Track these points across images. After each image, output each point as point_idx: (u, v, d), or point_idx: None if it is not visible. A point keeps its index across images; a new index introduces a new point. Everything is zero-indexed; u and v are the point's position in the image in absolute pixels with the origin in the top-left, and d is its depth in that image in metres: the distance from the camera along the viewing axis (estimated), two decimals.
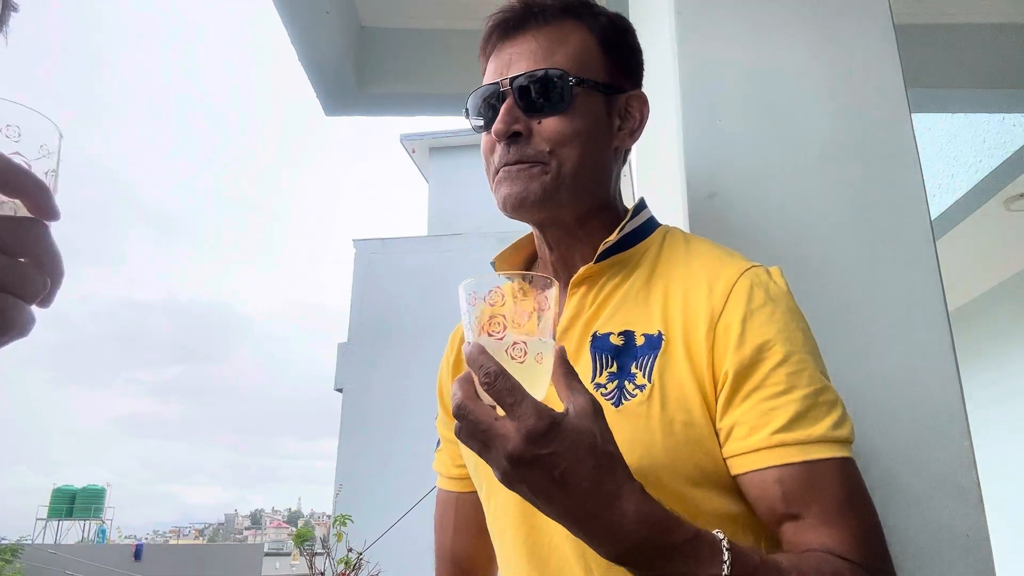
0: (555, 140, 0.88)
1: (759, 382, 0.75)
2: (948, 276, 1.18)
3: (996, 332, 4.33)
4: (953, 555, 1.04)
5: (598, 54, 0.93)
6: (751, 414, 0.74)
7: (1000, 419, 4.14)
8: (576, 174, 0.89)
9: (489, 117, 0.91)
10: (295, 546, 8.74)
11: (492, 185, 0.92)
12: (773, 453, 0.72)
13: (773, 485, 0.71)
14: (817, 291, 1.15)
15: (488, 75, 0.93)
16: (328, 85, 2.40)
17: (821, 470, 0.71)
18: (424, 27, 2.40)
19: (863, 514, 0.72)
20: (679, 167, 1.22)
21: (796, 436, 0.72)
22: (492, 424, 0.61)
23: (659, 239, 0.93)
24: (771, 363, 0.75)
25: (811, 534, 0.70)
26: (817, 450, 0.72)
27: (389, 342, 8.75)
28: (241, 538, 61.34)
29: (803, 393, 0.74)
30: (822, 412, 0.73)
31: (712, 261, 0.86)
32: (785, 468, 0.71)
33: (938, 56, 2.18)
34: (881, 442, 1.08)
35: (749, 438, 0.73)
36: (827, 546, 0.69)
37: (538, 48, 0.90)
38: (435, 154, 12.26)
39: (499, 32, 0.93)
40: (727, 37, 1.30)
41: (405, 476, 7.03)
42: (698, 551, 0.62)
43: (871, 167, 1.23)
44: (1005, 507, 3.60)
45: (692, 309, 0.81)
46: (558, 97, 0.88)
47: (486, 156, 0.93)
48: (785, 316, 0.79)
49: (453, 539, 1.05)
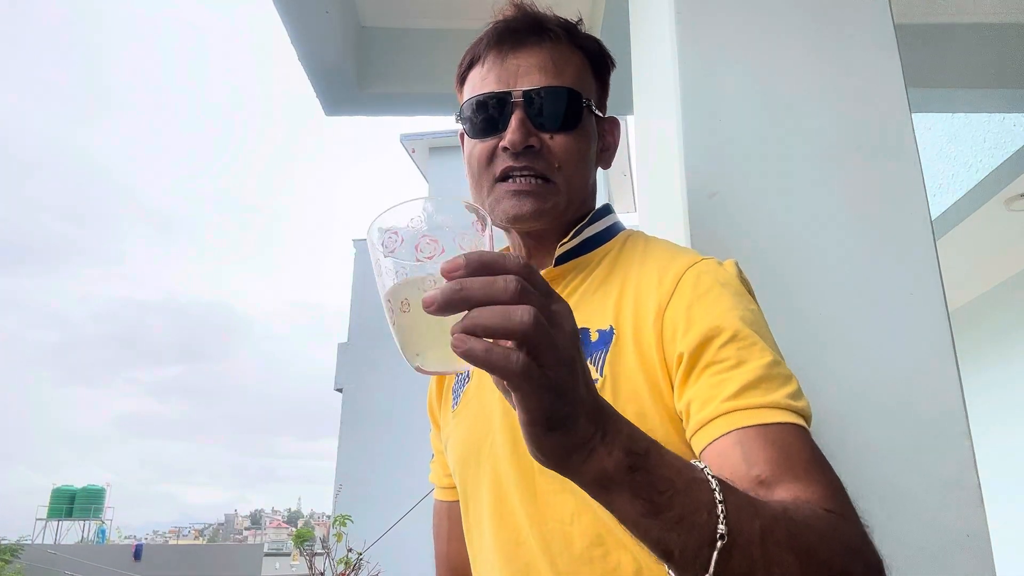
0: (564, 158, 0.90)
1: (710, 359, 0.73)
2: (948, 276, 1.18)
3: (996, 332, 4.33)
4: (953, 555, 1.04)
5: (591, 78, 0.96)
6: (702, 388, 0.72)
7: (1000, 419, 4.14)
8: (577, 192, 0.93)
9: (488, 125, 0.91)
10: (295, 546, 8.74)
11: (487, 192, 0.92)
12: (726, 419, 0.68)
13: (733, 448, 0.67)
14: (817, 291, 1.15)
15: (487, 81, 0.92)
16: (328, 85, 2.40)
17: (780, 433, 0.67)
18: (424, 27, 2.40)
19: (830, 473, 0.67)
20: (679, 167, 1.22)
21: (748, 402, 0.68)
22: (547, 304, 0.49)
23: (620, 243, 0.95)
24: (721, 340, 0.73)
25: (781, 492, 0.64)
26: (773, 414, 0.67)
27: (389, 342, 8.73)
28: (241, 538, 61.38)
29: (755, 365, 0.71)
30: (776, 384, 0.70)
31: (664, 257, 0.87)
32: (742, 431, 0.67)
33: (938, 56, 2.18)
34: (881, 442, 1.08)
35: (702, 411, 0.70)
36: (800, 499, 0.63)
37: (549, 63, 0.91)
38: (435, 154, 12.26)
39: (506, 39, 0.92)
40: (727, 37, 1.30)
41: (405, 476, 7.04)
42: (690, 466, 0.56)
43: (871, 167, 1.23)
44: (1005, 507, 3.60)
45: (641, 302, 0.82)
46: (572, 116, 0.90)
47: (482, 163, 0.92)
48: (733, 299, 0.78)
49: (448, 546, 1.08)
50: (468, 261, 0.47)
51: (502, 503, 0.86)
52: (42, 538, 21.56)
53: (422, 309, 0.47)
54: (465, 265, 0.47)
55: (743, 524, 0.53)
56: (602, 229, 0.95)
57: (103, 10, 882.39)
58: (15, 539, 18.22)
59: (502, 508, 0.86)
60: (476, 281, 0.46)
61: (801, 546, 0.56)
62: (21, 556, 14.95)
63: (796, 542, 0.56)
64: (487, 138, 0.91)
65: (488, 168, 0.91)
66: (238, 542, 45.75)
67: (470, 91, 0.95)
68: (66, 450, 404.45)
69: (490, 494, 0.87)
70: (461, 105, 0.96)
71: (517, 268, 0.48)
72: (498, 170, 0.90)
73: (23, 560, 14.85)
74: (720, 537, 0.52)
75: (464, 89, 0.98)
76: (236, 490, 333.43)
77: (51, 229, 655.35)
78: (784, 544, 0.55)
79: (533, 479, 0.83)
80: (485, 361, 0.46)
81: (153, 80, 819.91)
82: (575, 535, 0.79)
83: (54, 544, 19.07)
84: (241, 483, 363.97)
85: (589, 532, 0.78)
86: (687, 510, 0.52)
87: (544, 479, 0.82)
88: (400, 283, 0.52)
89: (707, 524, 0.52)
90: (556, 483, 0.80)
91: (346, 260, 9.69)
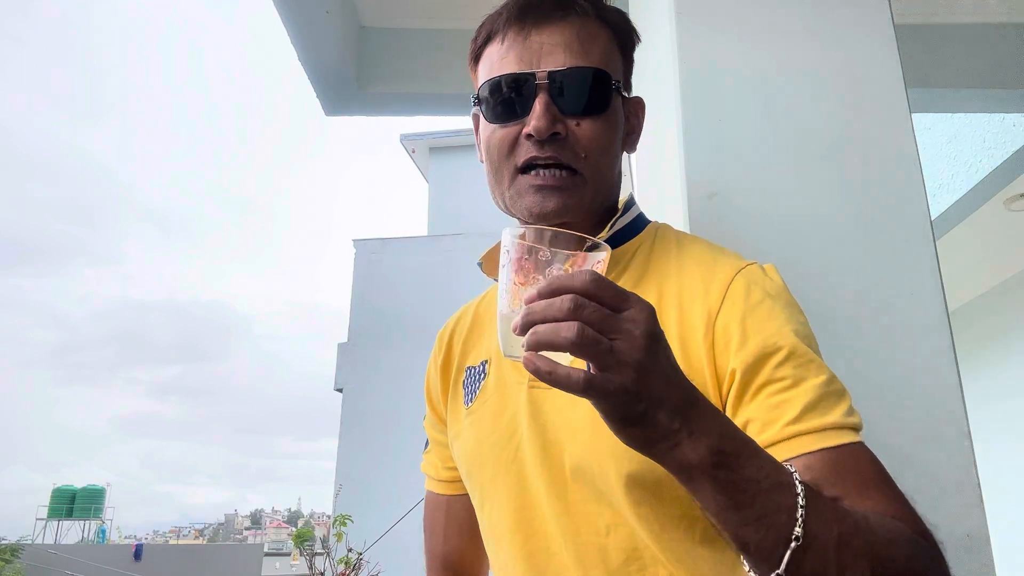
0: (591, 146, 0.83)
1: (767, 378, 0.72)
2: (948, 276, 1.18)
3: (996, 332, 4.33)
4: (953, 555, 1.03)
5: (618, 56, 0.89)
6: (762, 409, 0.71)
7: (1000, 419, 4.14)
8: (604, 181, 0.87)
9: (509, 109, 0.84)
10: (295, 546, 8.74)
11: (508, 183, 0.85)
12: (790, 444, 0.68)
13: (802, 474, 0.66)
14: (817, 291, 1.15)
15: (508, 60, 0.84)
16: (328, 85, 2.40)
17: (844, 454, 0.68)
18: (424, 27, 2.40)
19: (897, 488, 0.69)
20: (679, 167, 1.22)
21: (811, 425, 0.69)
22: (617, 312, 0.55)
23: (650, 237, 0.91)
24: (778, 358, 0.72)
25: (855, 505, 0.65)
26: (834, 436, 0.68)
27: (389, 342, 8.76)
28: (241, 538, 61.37)
29: (813, 384, 0.71)
30: (833, 401, 0.71)
31: (705, 261, 0.84)
32: (809, 457, 0.68)
33: (938, 56, 2.18)
34: (881, 442, 1.07)
35: (763, 433, 0.70)
36: (885, 513, 0.65)
37: (575, 42, 0.83)
38: (435, 154, 12.27)
39: (528, 14, 0.84)
40: (727, 37, 1.30)
41: (405, 476, 7.03)
42: (779, 469, 0.59)
43: (871, 167, 1.23)
44: (1005, 507, 3.60)
45: (688, 311, 0.79)
46: (600, 99, 0.84)
47: (503, 152, 0.85)
48: (785, 311, 0.77)
49: (444, 542, 1.04)
50: (539, 291, 0.54)
51: (527, 510, 0.82)
52: (42, 538, 21.56)
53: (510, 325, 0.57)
54: (537, 294, 0.54)
55: (821, 529, 0.57)
56: (631, 220, 0.91)
57: (103, 10, 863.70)
58: (15, 539, 18.21)
59: (528, 515, 0.82)
60: (538, 304, 0.54)
61: (878, 557, 0.59)
62: (21, 556, 14.94)
63: (873, 551, 0.59)
64: (507, 123, 0.84)
65: (509, 157, 0.84)
66: (238, 542, 45.76)
67: (487, 70, 0.88)
68: (66, 450, 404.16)
69: (514, 500, 0.83)
70: (478, 86, 0.89)
71: (582, 285, 0.54)
72: (521, 160, 0.83)
73: (23, 560, 14.85)
74: (795, 539, 0.56)
75: (479, 67, 0.90)
76: (236, 490, 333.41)
77: (52, 229, 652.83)
78: (860, 552, 0.58)
79: (565, 487, 0.79)
80: (550, 380, 0.53)
81: (153, 80, 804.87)
82: (611, 549, 0.76)
83: (54, 544, 19.06)
84: (241, 483, 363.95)
85: (625, 546, 0.76)
86: (767, 510, 0.56)
87: (577, 487, 0.78)
88: (500, 299, 0.62)
89: (785, 525, 0.56)
90: (589, 492, 0.78)
91: (346, 260, 9.69)
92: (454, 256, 9.06)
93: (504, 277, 0.61)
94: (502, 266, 0.62)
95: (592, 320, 0.53)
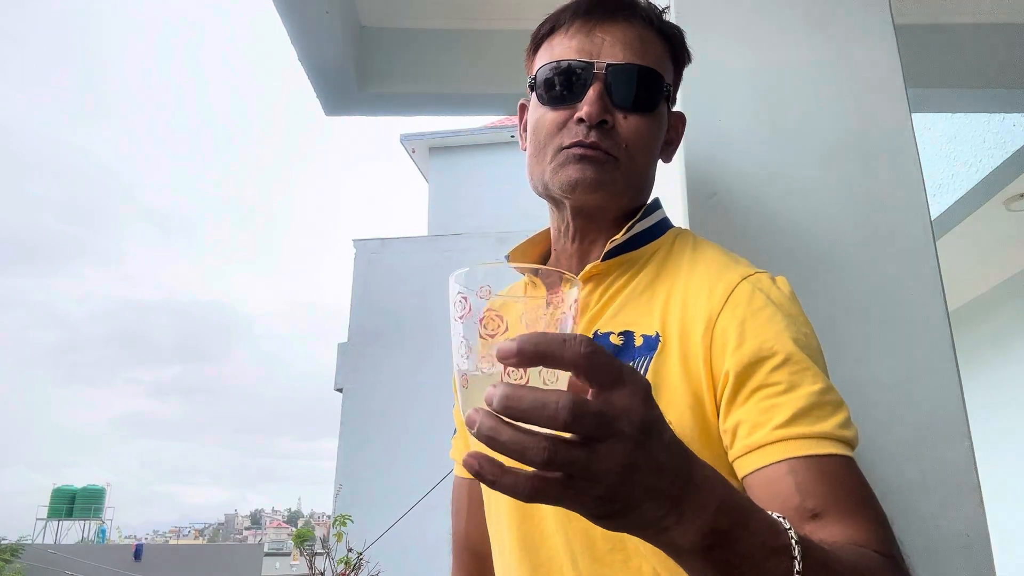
0: (633, 140, 0.88)
1: (761, 382, 0.72)
2: (948, 276, 1.18)
3: (996, 332, 4.33)
4: (953, 555, 1.04)
5: (670, 67, 0.95)
6: (752, 411, 0.72)
7: (1000, 419, 4.14)
8: (638, 176, 0.91)
9: (564, 94, 0.88)
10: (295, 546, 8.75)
11: (550, 158, 0.89)
12: (777, 448, 0.68)
13: (784, 478, 0.67)
14: (817, 291, 1.15)
15: (570, 49, 0.89)
16: (328, 85, 2.40)
17: (831, 465, 0.68)
18: (424, 27, 2.39)
19: (878, 507, 0.69)
20: (679, 167, 1.22)
21: (800, 431, 0.69)
22: (608, 403, 0.46)
23: (669, 241, 0.93)
24: (773, 363, 0.73)
25: (834, 528, 0.65)
26: (824, 446, 0.68)
27: (389, 342, 8.76)
28: (241, 538, 61.35)
29: (807, 391, 0.71)
30: (827, 411, 0.71)
31: (715, 265, 0.85)
32: (794, 461, 0.67)
33: (938, 56, 2.18)
34: (881, 442, 1.08)
35: (751, 436, 0.70)
36: (852, 539, 0.65)
37: (636, 41, 0.89)
38: (435, 154, 12.26)
39: (596, 11, 0.90)
40: (727, 37, 1.30)
41: (405, 476, 7.04)
42: (774, 533, 0.55)
43: (871, 167, 1.23)
44: (1005, 507, 3.60)
45: (690, 312, 0.80)
46: (650, 98, 0.89)
47: (551, 132, 0.89)
48: (787, 319, 0.77)
49: (467, 524, 1.08)
50: (521, 349, 0.45)
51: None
52: (42, 538, 21.56)
53: (476, 393, 0.48)
54: (517, 353, 0.45)
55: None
56: (652, 224, 0.94)
57: (103, 10, 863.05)
58: (15, 539, 18.21)
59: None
60: (525, 401, 0.45)
61: None
62: (21, 556, 14.96)
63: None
64: (560, 107, 0.89)
65: (556, 137, 0.89)
66: (238, 542, 45.75)
67: (547, 56, 0.92)
68: (66, 450, 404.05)
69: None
70: (536, 70, 0.93)
71: (574, 357, 0.45)
72: (567, 140, 0.87)
73: (23, 560, 14.86)
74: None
75: (538, 54, 0.95)
76: (236, 490, 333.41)
77: (51, 229, 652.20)
78: None
79: None
80: (495, 485, 0.46)
81: (153, 80, 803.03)
82: (597, 537, 0.78)
83: (54, 544, 19.08)
84: (241, 483, 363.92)
85: (611, 535, 0.77)
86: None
87: None
88: (461, 359, 0.52)
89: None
90: None
91: (346, 260, 9.69)
92: (454, 256, 9.05)
93: (462, 329, 0.52)
94: (456, 317, 0.52)
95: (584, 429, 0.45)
